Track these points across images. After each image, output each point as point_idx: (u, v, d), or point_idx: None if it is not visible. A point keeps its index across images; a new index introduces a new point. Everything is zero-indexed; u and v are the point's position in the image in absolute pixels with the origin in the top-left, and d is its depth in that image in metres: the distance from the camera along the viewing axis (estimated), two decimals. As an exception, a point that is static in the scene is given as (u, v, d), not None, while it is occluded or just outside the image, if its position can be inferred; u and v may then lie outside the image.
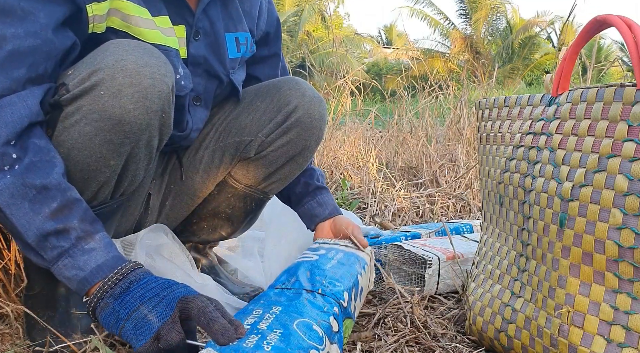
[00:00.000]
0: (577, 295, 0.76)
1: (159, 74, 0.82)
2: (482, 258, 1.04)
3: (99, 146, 0.81)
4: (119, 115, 0.79)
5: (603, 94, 0.74)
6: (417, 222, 2.05)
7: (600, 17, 0.79)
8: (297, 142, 1.12)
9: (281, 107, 1.11)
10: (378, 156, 2.83)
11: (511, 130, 0.94)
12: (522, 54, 19.76)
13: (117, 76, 0.78)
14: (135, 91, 0.79)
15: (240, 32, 1.09)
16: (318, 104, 1.12)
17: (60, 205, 0.74)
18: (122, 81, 0.79)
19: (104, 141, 0.81)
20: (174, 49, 0.96)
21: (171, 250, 1.09)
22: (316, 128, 1.12)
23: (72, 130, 0.80)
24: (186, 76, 0.99)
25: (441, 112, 3.59)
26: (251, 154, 1.13)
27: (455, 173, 2.64)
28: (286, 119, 1.11)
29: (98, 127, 0.80)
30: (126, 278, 0.73)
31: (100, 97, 0.78)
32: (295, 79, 1.15)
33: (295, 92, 1.11)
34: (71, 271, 0.74)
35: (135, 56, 0.80)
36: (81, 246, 0.74)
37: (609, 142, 0.72)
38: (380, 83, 3.88)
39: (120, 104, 0.79)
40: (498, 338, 0.92)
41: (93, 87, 0.78)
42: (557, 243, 0.79)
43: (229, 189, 1.16)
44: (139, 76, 0.80)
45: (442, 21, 21.21)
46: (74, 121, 0.80)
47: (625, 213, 0.69)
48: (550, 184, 0.81)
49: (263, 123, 1.11)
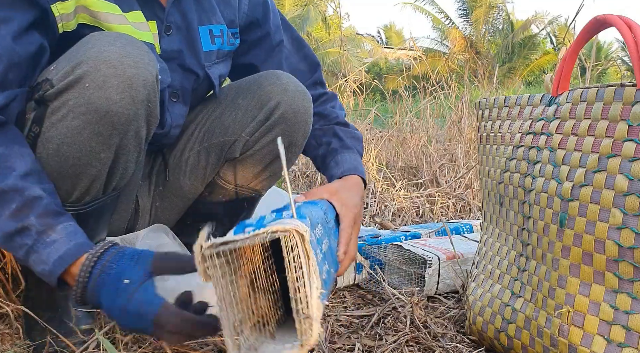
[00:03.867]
0: (577, 295, 0.76)
1: (142, 63, 0.81)
2: (482, 258, 1.04)
3: (87, 140, 0.81)
4: (105, 106, 0.79)
5: (603, 94, 0.74)
6: (417, 222, 2.05)
7: (600, 17, 0.79)
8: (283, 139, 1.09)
9: (263, 104, 1.07)
10: (378, 156, 2.83)
11: (511, 130, 0.94)
12: (522, 53, 19.75)
13: (100, 67, 0.78)
14: (120, 81, 0.79)
15: (214, 24, 1.06)
16: (302, 98, 1.08)
17: (20, 205, 0.75)
18: (107, 72, 0.78)
19: (93, 133, 0.80)
20: (150, 44, 0.94)
21: (171, 249, 1.09)
22: (302, 123, 1.08)
23: (60, 125, 0.80)
24: (163, 70, 0.97)
25: (441, 113, 3.59)
26: (237, 155, 1.10)
27: (455, 173, 2.64)
28: (269, 117, 1.07)
29: (85, 120, 0.79)
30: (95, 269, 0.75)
31: (85, 90, 0.78)
32: (276, 73, 1.10)
33: (277, 87, 1.07)
34: (39, 267, 0.75)
35: (118, 47, 0.79)
36: (43, 240, 0.75)
37: (609, 142, 0.72)
38: (380, 83, 3.88)
39: (106, 95, 0.78)
40: (498, 338, 0.92)
41: (77, 80, 0.78)
42: (557, 243, 0.79)
43: (220, 190, 1.15)
44: (123, 65, 0.79)
45: (443, 20, 21.22)
46: (60, 116, 0.80)
47: (625, 213, 0.69)
48: (550, 184, 0.81)
49: (246, 122, 1.09)
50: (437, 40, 21.72)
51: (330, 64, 10.62)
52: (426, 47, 20.88)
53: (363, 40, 20.98)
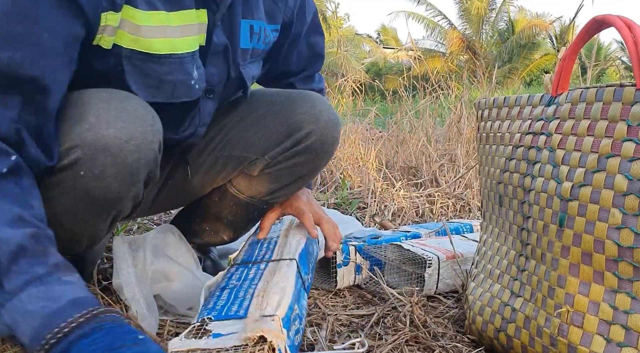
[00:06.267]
0: (577, 294, 0.76)
1: (144, 144, 0.76)
2: (482, 258, 1.04)
3: (83, 214, 0.79)
4: (102, 195, 0.76)
5: (602, 94, 0.74)
6: (417, 222, 2.05)
7: (600, 17, 0.79)
8: (306, 165, 1.07)
9: (292, 132, 1.04)
10: (378, 156, 2.83)
11: (511, 130, 0.94)
12: (522, 54, 19.76)
13: (98, 156, 0.72)
14: (119, 170, 0.74)
15: (256, 20, 0.99)
16: (333, 129, 1.05)
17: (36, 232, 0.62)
18: (104, 161, 0.73)
19: (89, 211, 0.78)
20: (189, 54, 0.88)
21: (178, 250, 1.09)
22: (328, 153, 1.07)
23: (55, 202, 0.76)
24: (200, 76, 0.91)
25: (441, 113, 3.59)
26: (255, 173, 1.09)
27: (455, 172, 2.64)
28: (296, 145, 1.05)
29: (82, 202, 0.76)
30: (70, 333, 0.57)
31: (81, 178, 0.73)
32: (312, 98, 1.06)
33: (310, 116, 1.04)
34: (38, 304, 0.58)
35: (117, 128, 0.73)
36: (58, 276, 0.61)
37: (608, 142, 0.72)
38: (380, 83, 3.88)
39: (104, 185, 0.75)
40: (498, 337, 0.92)
41: (72, 165, 0.73)
42: (556, 242, 0.79)
43: (231, 198, 1.14)
44: (123, 153, 0.74)
45: (441, 22, 21.22)
46: (56, 193, 0.75)
47: (624, 213, 0.69)
48: (550, 184, 0.81)
49: (270, 145, 1.06)
50: (437, 41, 21.73)
51: (330, 64, 10.62)
52: (425, 48, 20.89)
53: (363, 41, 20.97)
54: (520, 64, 19.77)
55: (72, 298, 0.59)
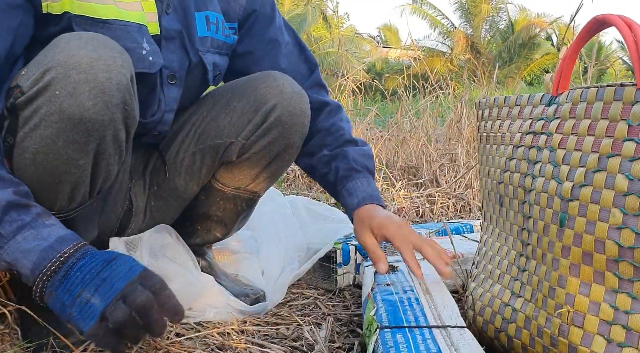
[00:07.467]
0: (577, 294, 0.76)
1: (114, 66, 0.79)
2: (482, 258, 1.04)
3: (63, 148, 0.79)
4: (78, 114, 0.77)
5: (603, 94, 0.74)
6: (417, 222, 2.05)
7: (600, 16, 0.79)
8: (280, 141, 1.08)
9: (259, 107, 1.06)
10: (378, 156, 2.83)
11: (511, 130, 0.94)
12: (523, 53, 19.76)
13: (70, 73, 0.76)
14: (91, 86, 0.77)
15: (210, 11, 1.05)
16: (299, 100, 1.07)
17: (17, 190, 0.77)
18: (77, 78, 0.76)
19: (68, 141, 0.79)
20: (135, 24, 0.92)
21: (175, 250, 1.09)
22: (298, 125, 1.08)
23: (34, 135, 0.78)
24: (154, 51, 0.95)
25: (441, 112, 3.59)
26: (233, 158, 1.10)
27: (455, 172, 2.64)
28: (265, 120, 1.06)
29: (59, 129, 0.77)
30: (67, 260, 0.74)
31: (56, 98, 0.76)
32: (272, 74, 1.09)
33: (273, 89, 1.06)
34: (32, 243, 0.74)
35: (88, 50, 0.77)
36: (42, 221, 0.76)
37: (609, 142, 0.72)
38: (380, 82, 3.88)
39: (78, 103, 0.76)
40: (498, 337, 0.92)
41: (47, 87, 0.76)
42: (557, 242, 0.79)
43: (217, 193, 1.15)
44: (94, 70, 0.77)
45: (443, 21, 21.23)
46: (33, 125, 0.78)
47: (625, 213, 0.69)
48: (550, 184, 0.81)
49: (241, 125, 1.07)
50: (438, 41, 21.74)
51: (330, 64, 10.63)
52: (427, 47, 20.90)
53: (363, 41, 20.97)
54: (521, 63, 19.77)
55: (59, 235, 0.75)
